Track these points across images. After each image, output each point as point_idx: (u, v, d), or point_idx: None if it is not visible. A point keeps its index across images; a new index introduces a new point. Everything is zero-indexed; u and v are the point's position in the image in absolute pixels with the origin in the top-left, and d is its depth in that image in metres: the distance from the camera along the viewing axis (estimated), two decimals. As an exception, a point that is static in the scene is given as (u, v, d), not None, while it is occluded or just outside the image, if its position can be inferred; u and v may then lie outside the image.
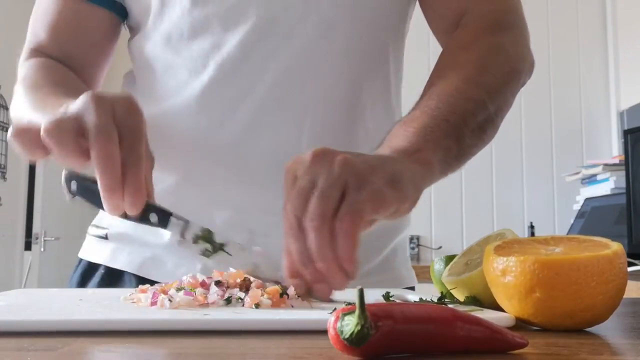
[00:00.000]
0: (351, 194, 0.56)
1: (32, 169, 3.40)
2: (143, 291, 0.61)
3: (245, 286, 0.62)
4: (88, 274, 0.89)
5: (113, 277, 0.86)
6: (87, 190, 0.65)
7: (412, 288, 0.93)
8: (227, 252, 0.66)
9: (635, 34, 3.00)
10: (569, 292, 0.47)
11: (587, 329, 0.50)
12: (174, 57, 0.84)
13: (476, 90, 0.74)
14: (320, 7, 0.82)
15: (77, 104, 0.61)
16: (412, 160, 0.64)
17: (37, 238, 3.41)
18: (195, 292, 0.58)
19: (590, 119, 3.21)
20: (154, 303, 0.56)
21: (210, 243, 0.65)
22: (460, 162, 0.72)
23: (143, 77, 0.90)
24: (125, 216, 0.63)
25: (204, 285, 0.60)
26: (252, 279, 0.63)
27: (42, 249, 3.37)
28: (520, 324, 0.51)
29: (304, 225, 0.57)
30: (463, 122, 0.71)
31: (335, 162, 0.57)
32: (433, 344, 0.39)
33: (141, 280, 0.83)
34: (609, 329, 0.50)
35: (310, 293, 0.60)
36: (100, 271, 0.88)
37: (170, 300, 0.56)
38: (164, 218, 0.66)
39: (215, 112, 0.82)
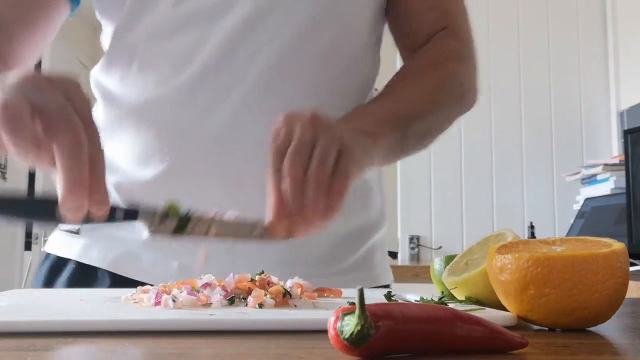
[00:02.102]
0: (343, 156, 0.65)
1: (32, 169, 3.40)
2: (145, 291, 0.61)
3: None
4: (56, 269, 0.86)
5: (84, 274, 0.83)
6: (11, 205, 0.56)
7: (387, 286, 0.92)
8: (192, 225, 0.61)
9: (635, 34, 3.00)
10: (561, 290, 0.47)
11: (588, 329, 0.50)
12: (158, 51, 0.84)
13: (429, 104, 0.85)
14: (307, 4, 0.83)
15: (23, 84, 0.53)
16: (367, 135, 0.73)
17: (37, 238, 3.41)
18: (198, 292, 0.58)
19: (590, 119, 3.21)
20: (157, 303, 0.56)
21: (177, 215, 0.61)
22: (398, 157, 0.84)
23: (121, 67, 0.87)
24: (86, 220, 0.55)
25: (206, 286, 0.60)
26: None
27: (42, 249, 3.38)
28: (521, 324, 0.51)
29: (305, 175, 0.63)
30: (408, 124, 0.81)
31: (331, 128, 0.66)
32: (433, 344, 0.39)
33: (115, 278, 0.81)
34: (609, 329, 0.50)
35: (288, 234, 0.64)
36: (71, 266, 0.85)
37: (174, 300, 0.56)
38: (131, 213, 0.60)
39: (198, 106, 0.82)
